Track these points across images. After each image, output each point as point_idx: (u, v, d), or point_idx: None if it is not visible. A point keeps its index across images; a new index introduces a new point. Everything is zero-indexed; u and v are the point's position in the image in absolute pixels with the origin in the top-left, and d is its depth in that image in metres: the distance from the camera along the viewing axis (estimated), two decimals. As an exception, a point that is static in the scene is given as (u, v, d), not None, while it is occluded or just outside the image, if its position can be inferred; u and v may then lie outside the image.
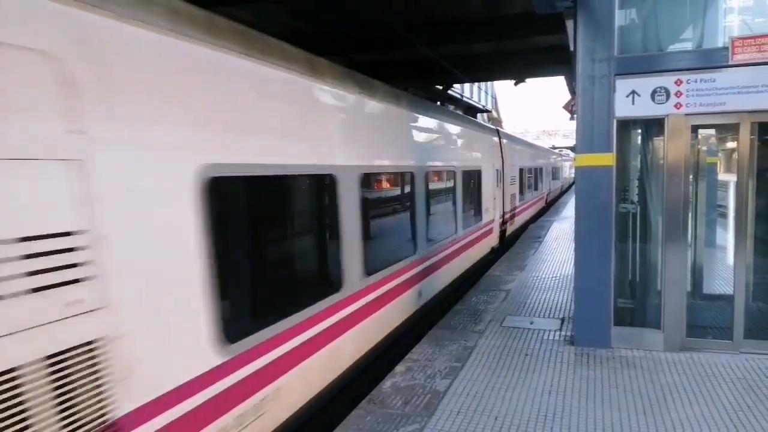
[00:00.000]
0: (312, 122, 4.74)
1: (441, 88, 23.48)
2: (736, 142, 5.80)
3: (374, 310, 5.96)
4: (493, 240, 12.49)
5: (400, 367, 5.77)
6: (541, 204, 24.34)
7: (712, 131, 6.54)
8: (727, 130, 6.33)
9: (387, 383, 5.38)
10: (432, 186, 7.95)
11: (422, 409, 4.79)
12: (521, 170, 17.48)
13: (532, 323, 7.06)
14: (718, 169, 6.96)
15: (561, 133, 71.22)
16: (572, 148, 48.88)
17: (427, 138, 7.93)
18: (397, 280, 6.60)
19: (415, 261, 7.20)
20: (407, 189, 7.06)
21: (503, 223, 13.93)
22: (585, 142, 6.04)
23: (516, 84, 25.99)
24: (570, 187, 47.14)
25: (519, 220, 16.82)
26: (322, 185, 4.94)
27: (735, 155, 5.87)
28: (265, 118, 4.08)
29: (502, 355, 6.00)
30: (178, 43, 3.24)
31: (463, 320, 7.30)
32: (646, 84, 5.78)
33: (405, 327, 7.05)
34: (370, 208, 5.90)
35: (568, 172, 47.22)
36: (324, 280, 4.98)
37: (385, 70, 22.34)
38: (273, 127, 4.18)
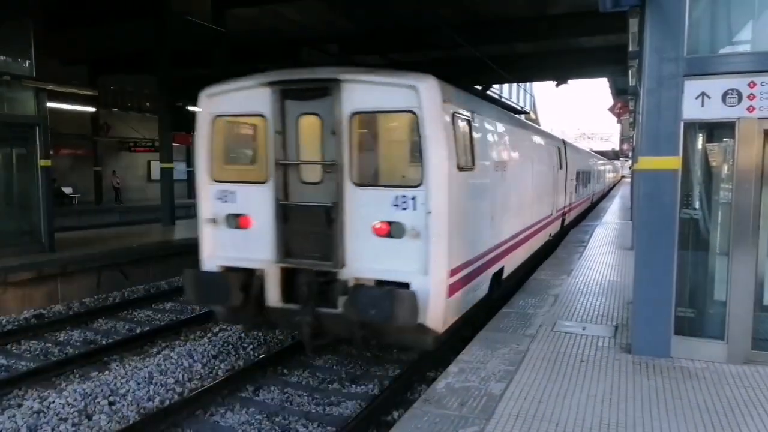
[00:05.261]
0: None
1: (479, 88, 23.24)
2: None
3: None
4: (589, 202, 26.44)
5: (452, 368, 5.71)
6: (603, 192, 38.64)
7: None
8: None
9: (441, 384, 5.32)
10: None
11: (480, 412, 4.72)
12: (600, 170, 34.06)
13: (584, 329, 6.89)
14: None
15: (598, 137, 69.84)
16: (616, 155, 57.15)
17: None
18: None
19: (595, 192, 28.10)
20: (594, 176, 28.00)
21: (593, 198, 28.44)
22: (649, 145, 5.85)
23: (557, 85, 25.59)
24: (613, 187, 57.63)
25: (596, 197, 31.71)
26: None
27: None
28: None
29: (557, 361, 5.87)
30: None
31: (512, 323, 7.19)
32: (717, 85, 5.56)
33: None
34: (578, 175, 20.47)
35: (613, 174, 61.01)
36: None
37: (424, 70, 22.33)
38: None
